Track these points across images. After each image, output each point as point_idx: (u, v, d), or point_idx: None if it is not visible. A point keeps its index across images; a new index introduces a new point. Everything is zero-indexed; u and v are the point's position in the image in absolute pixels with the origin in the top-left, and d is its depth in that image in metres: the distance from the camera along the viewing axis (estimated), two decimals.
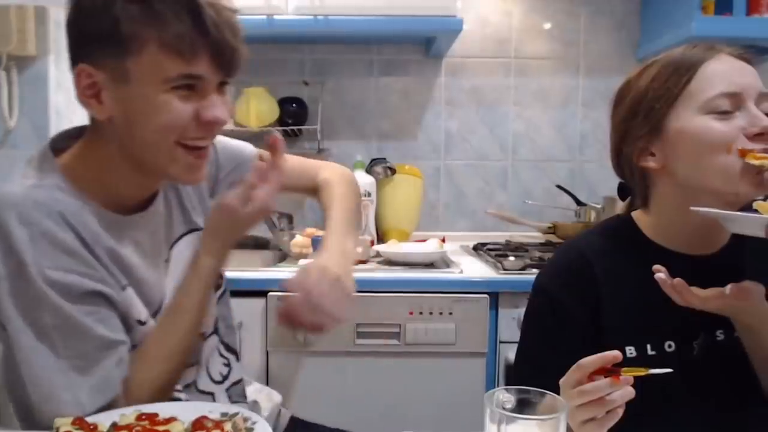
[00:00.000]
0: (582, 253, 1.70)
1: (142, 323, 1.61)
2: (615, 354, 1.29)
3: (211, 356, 1.86)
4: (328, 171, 2.16)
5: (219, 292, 1.90)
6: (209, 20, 1.40)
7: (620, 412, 1.28)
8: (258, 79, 3.76)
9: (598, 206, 3.60)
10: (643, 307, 1.60)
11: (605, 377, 1.28)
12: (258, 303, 2.77)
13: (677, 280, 1.46)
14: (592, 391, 1.28)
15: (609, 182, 3.72)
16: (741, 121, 1.50)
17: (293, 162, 2.11)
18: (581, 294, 1.65)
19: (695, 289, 1.46)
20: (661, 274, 1.48)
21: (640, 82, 1.64)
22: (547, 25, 3.92)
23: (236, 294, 2.75)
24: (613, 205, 3.36)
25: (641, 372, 1.29)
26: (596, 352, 1.32)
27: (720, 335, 1.61)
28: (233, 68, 1.50)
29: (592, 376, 1.30)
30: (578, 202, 3.75)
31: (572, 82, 3.95)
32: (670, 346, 1.60)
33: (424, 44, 3.88)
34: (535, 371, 1.68)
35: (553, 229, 3.70)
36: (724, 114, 1.51)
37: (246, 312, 2.76)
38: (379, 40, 3.87)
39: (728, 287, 1.43)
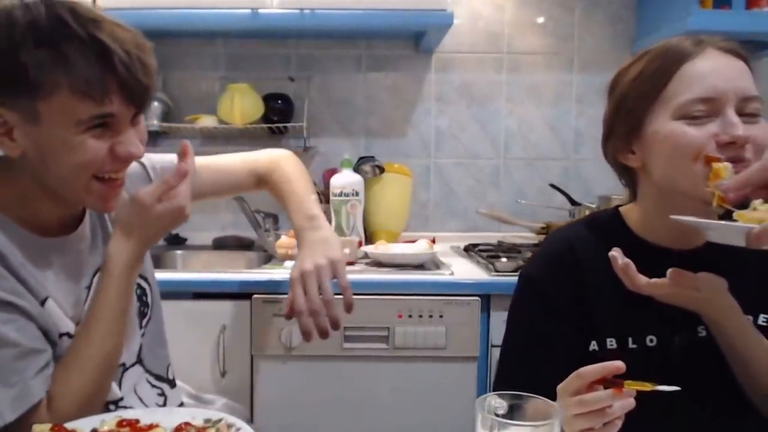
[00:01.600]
0: (568, 242, 1.76)
1: (71, 336, 1.63)
2: (618, 365, 1.30)
3: (138, 387, 1.86)
4: (263, 157, 2.27)
5: (145, 320, 1.90)
6: (119, 62, 1.44)
7: (619, 423, 1.29)
8: (242, 74, 3.78)
9: (593, 206, 3.59)
10: (625, 300, 1.62)
11: (605, 387, 1.29)
12: (242, 306, 2.76)
13: (625, 261, 1.51)
14: (592, 402, 1.28)
15: (604, 181, 3.73)
16: (715, 127, 1.51)
17: (221, 161, 2.24)
18: (567, 282, 1.71)
19: (641, 276, 1.51)
20: (614, 252, 1.54)
21: (627, 78, 1.68)
22: (541, 19, 3.93)
23: (220, 296, 2.77)
24: (609, 205, 3.36)
25: (646, 387, 1.29)
26: (581, 343, 1.35)
27: (702, 331, 1.64)
28: (145, 102, 1.55)
29: (591, 385, 1.31)
30: (572, 202, 3.75)
31: (566, 77, 3.95)
32: (651, 340, 1.65)
33: (414, 39, 3.88)
34: (520, 363, 1.74)
35: (546, 230, 3.70)
36: (697, 119, 1.53)
37: (230, 315, 2.76)
38: (367, 35, 3.87)
39: (669, 271, 1.48)
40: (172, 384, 2.01)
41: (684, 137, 1.52)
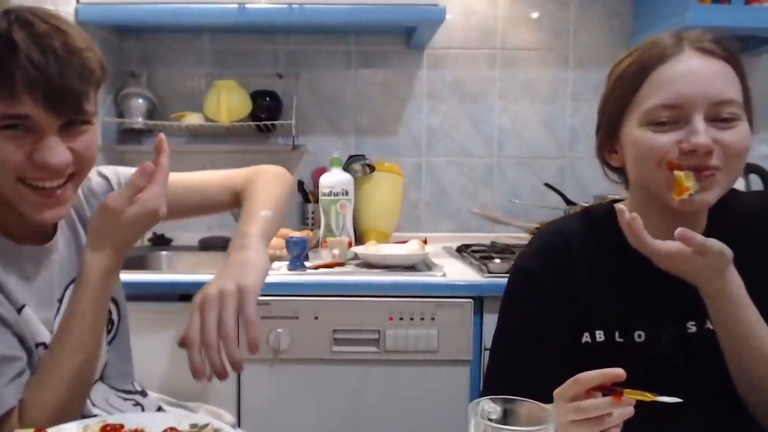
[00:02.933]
0: (561, 233, 1.80)
1: (47, 346, 1.63)
2: (617, 372, 1.29)
3: (110, 400, 1.87)
4: (245, 173, 2.16)
5: (110, 336, 1.89)
6: (26, 59, 1.41)
7: None
8: (229, 71, 3.78)
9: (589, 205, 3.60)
10: (615, 293, 1.68)
11: (604, 394, 1.29)
12: None
13: (633, 215, 1.50)
14: (590, 409, 1.28)
15: (600, 180, 3.70)
16: (680, 133, 1.54)
17: (199, 177, 2.14)
18: (561, 273, 1.73)
19: (646, 233, 1.50)
20: (621, 205, 1.58)
21: (614, 75, 1.72)
22: (535, 14, 3.93)
23: None
24: None
25: (647, 398, 1.28)
26: (571, 332, 1.35)
27: (691, 327, 1.66)
28: (70, 109, 1.50)
29: (590, 391, 1.30)
30: (568, 202, 3.75)
31: (561, 74, 3.96)
32: (639, 336, 1.67)
33: (405, 34, 3.88)
34: (514, 363, 1.74)
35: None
36: (662, 126, 1.56)
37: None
38: (357, 30, 3.88)
39: (679, 229, 1.46)
40: (143, 394, 2.01)
41: (647, 143, 1.58)
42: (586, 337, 1.68)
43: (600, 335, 1.67)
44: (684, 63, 1.58)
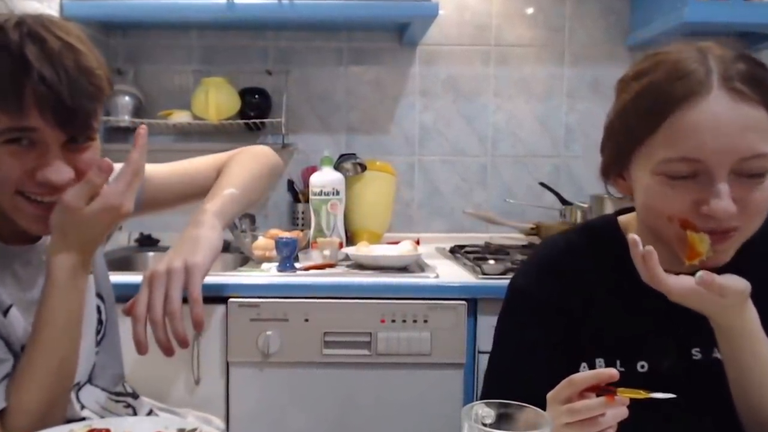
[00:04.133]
0: (559, 251, 1.74)
1: None
2: (611, 372, 1.28)
3: (102, 403, 1.87)
4: (233, 151, 2.19)
5: (98, 336, 1.89)
6: (37, 75, 1.43)
7: None
8: (217, 68, 3.78)
9: (585, 205, 3.60)
10: (617, 319, 1.60)
11: (597, 395, 1.28)
12: (217, 310, 2.76)
13: (648, 250, 1.39)
14: (582, 411, 1.26)
15: (596, 180, 3.72)
16: (696, 192, 1.40)
17: (184, 165, 2.16)
18: (558, 293, 1.67)
19: (661, 269, 1.40)
20: (634, 236, 1.42)
21: (627, 94, 1.52)
22: (530, 10, 3.93)
23: None
24: (602, 205, 3.38)
25: (640, 395, 1.27)
26: (569, 359, 1.33)
27: (696, 354, 1.59)
28: (76, 127, 1.53)
29: (583, 393, 1.29)
30: (563, 201, 3.75)
31: (557, 71, 3.96)
32: (642, 366, 1.60)
33: (397, 31, 3.89)
34: (510, 374, 1.70)
35: (536, 230, 3.71)
36: (679, 179, 1.41)
37: (204, 320, 2.75)
38: (348, 26, 3.87)
39: (698, 274, 1.37)
40: (134, 396, 2.01)
41: (659, 198, 1.45)
42: (583, 367, 1.62)
43: (600, 363, 1.61)
44: (710, 109, 1.37)
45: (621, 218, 1.74)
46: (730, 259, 1.47)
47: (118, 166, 1.83)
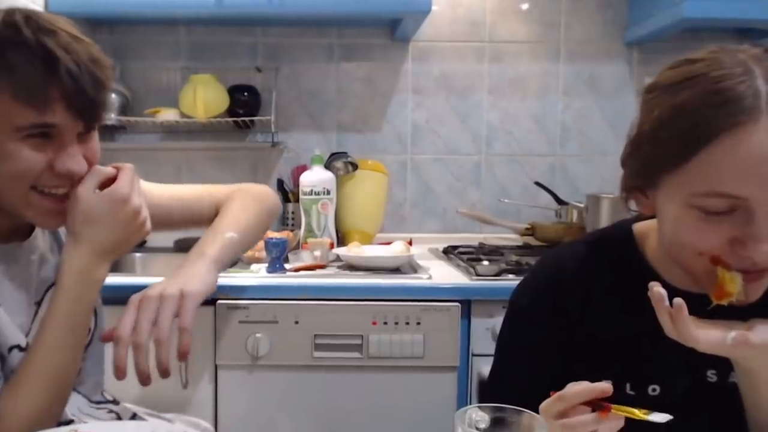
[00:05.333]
0: (563, 267, 1.66)
1: (22, 349, 1.63)
2: (603, 387, 1.27)
3: (84, 409, 1.87)
4: (229, 189, 2.20)
5: (86, 343, 1.88)
6: (65, 71, 1.47)
7: None
8: (205, 64, 3.77)
9: (581, 205, 3.60)
10: (627, 341, 1.54)
11: (593, 410, 1.27)
12: (206, 312, 2.74)
13: (679, 304, 1.27)
14: (576, 426, 1.26)
15: (592, 179, 3.74)
16: (733, 230, 1.29)
17: (184, 191, 2.19)
18: (562, 314, 1.61)
19: (696, 322, 1.29)
20: (659, 288, 1.30)
21: (658, 110, 1.36)
22: (525, 6, 3.93)
23: None
24: (598, 205, 3.38)
25: (636, 415, 1.25)
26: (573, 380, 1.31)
27: (712, 377, 1.52)
28: (93, 118, 1.58)
29: (577, 406, 1.28)
30: (559, 201, 3.76)
31: (552, 68, 3.96)
32: (654, 390, 1.55)
33: (389, 26, 3.88)
34: (509, 380, 1.69)
35: (531, 231, 3.71)
36: (713, 215, 1.29)
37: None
38: (339, 22, 3.87)
39: (731, 335, 1.28)
40: (115, 403, 2.02)
41: (690, 233, 1.33)
42: None
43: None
44: (757, 142, 1.23)
45: (638, 228, 1.63)
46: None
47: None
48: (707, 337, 1.28)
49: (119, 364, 1.56)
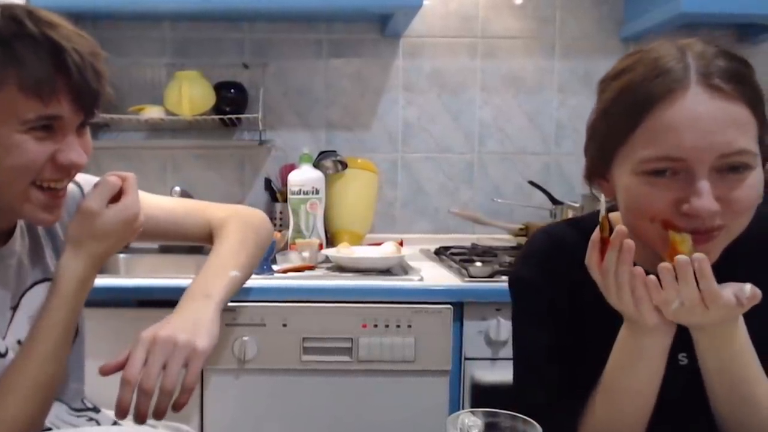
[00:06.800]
0: (553, 239, 1.77)
1: (2, 355, 1.64)
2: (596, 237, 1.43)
3: (63, 416, 1.89)
4: (222, 211, 2.23)
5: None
6: (72, 63, 1.51)
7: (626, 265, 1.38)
8: (191, 61, 3.77)
9: (576, 205, 3.60)
10: (599, 319, 1.56)
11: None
12: None
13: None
14: (608, 273, 1.40)
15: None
16: (677, 191, 1.41)
17: (175, 204, 2.25)
18: (560, 277, 1.69)
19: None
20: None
21: (607, 94, 1.56)
22: (519, 0, 3.93)
23: (167, 304, 2.74)
24: (593, 204, 3.38)
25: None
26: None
27: (683, 359, 1.59)
28: (94, 110, 1.61)
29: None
30: (554, 201, 3.76)
31: (547, 64, 3.96)
32: None
33: (380, 22, 3.88)
34: (534, 373, 1.71)
35: (525, 231, 3.72)
36: (659, 176, 1.42)
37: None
38: (328, 17, 3.87)
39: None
40: (95, 410, 2.03)
41: (639, 199, 1.46)
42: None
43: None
44: (688, 106, 1.39)
45: (613, 214, 1.66)
46: (715, 263, 1.43)
47: (90, 177, 1.87)
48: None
49: (123, 407, 1.57)
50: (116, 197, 1.69)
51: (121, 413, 1.57)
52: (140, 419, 1.59)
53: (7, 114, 1.49)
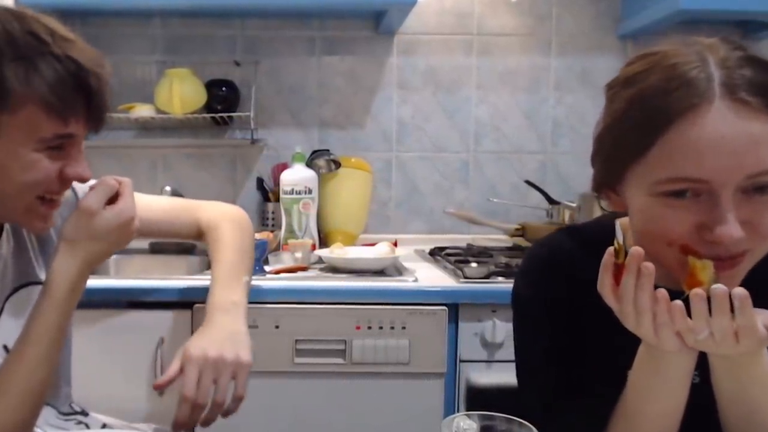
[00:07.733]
0: (552, 252, 1.71)
1: None
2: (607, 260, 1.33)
3: (52, 420, 1.90)
4: (210, 211, 2.29)
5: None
6: (92, 84, 1.55)
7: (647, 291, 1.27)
8: (182, 58, 3.76)
9: (573, 205, 3.60)
10: (604, 337, 1.52)
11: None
12: (183, 316, 2.74)
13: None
14: (626, 297, 1.29)
15: (585, 177, 3.72)
16: (698, 214, 1.30)
17: (165, 203, 2.30)
18: (559, 290, 1.64)
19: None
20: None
21: (619, 100, 1.41)
22: None
23: (158, 306, 2.75)
24: (591, 204, 3.38)
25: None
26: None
27: (695, 378, 1.43)
28: (101, 127, 1.65)
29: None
30: (550, 200, 3.76)
31: (543, 62, 3.96)
32: None
33: (374, 19, 3.88)
34: (540, 374, 1.68)
35: (521, 231, 3.72)
36: (678, 198, 1.31)
37: (169, 327, 2.75)
38: (321, 14, 3.87)
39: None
40: (83, 413, 2.03)
41: (656, 222, 1.36)
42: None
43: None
44: (712, 125, 1.27)
45: (622, 222, 1.54)
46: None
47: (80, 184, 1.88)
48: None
49: (184, 421, 1.77)
50: (112, 200, 1.70)
51: (180, 427, 1.75)
52: (186, 427, 1.78)
53: (26, 132, 1.50)
